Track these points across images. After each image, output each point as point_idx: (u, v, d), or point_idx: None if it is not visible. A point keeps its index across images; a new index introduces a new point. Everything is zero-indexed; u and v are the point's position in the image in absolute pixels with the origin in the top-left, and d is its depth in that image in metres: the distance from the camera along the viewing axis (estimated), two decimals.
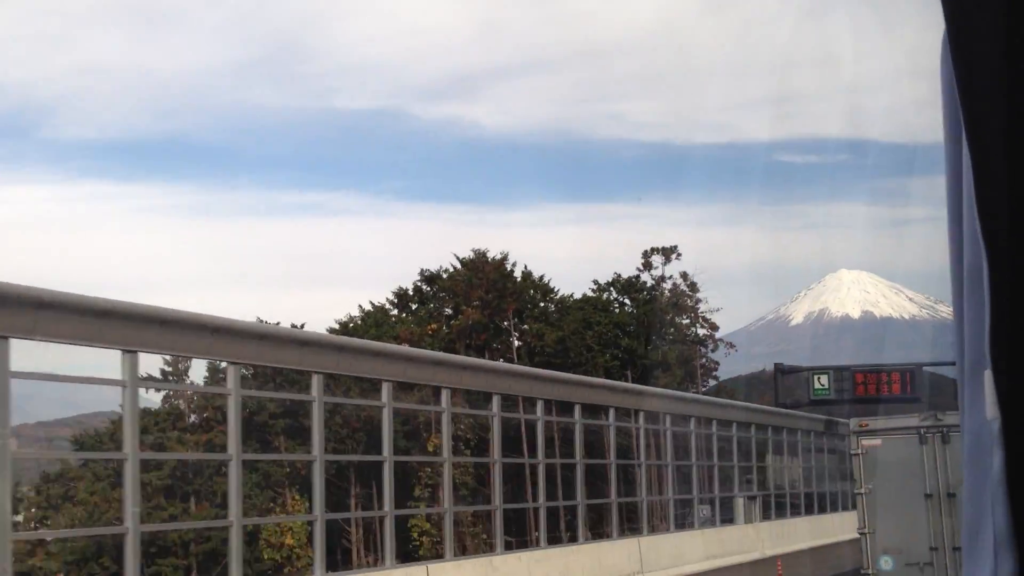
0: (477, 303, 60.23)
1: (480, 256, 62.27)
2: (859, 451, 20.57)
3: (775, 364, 43.49)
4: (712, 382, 72.74)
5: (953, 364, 1.45)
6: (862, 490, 20.48)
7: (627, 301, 68.44)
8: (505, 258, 62.95)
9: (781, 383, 42.46)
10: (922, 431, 19.96)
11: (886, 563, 20.07)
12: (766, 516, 34.50)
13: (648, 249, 69.91)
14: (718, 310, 70.89)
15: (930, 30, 1.35)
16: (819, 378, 39.80)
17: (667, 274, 69.35)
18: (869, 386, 38.13)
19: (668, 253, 69.76)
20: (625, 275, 69.43)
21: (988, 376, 1.24)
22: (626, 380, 53.47)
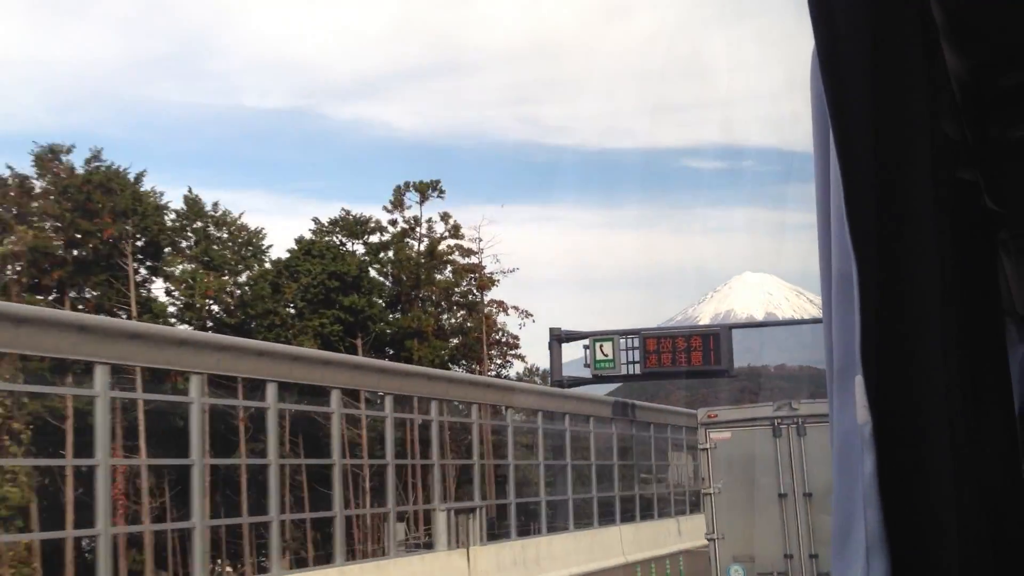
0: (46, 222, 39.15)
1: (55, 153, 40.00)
2: (707, 445, 18.29)
3: (550, 329, 33.13)
4: (517, 364, 55.67)
5: None
6: (710, 490, 18.15)
7: (359, 246, 51.43)
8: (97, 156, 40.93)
9: (558, 354, 32.22)
10: (776, 422, 17.88)
11: (736, 573, 17.97)
12: (628, 518, 30.04)
13: (401, 184, 52.76)
14: (513, 271, 54.35)
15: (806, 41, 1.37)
16: (601, 347, 30.57)
17: (425, 216, 53.26)
18: (664, 355, 30.21)
19: (425, 189, 52.82)
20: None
21: (859, 381, 1.26)
22: (357, 349, 43.32)
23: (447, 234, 52.66)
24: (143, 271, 43.15)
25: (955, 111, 1.41)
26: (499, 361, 54.43)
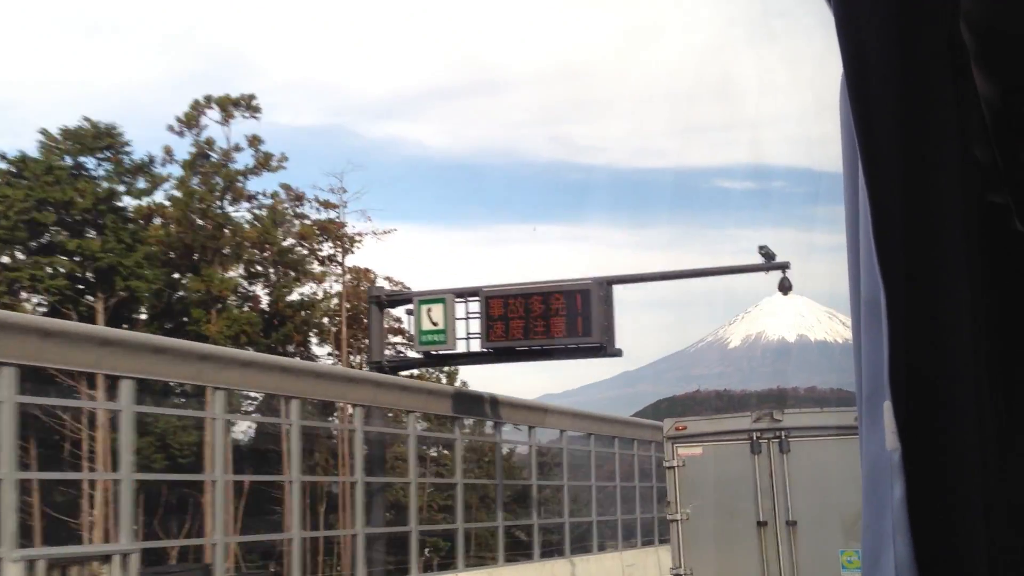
0: None
1: None
2: (675, 463, 15.36)
3: (368, 290, 26.80)
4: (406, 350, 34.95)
5: None
6: (677, 516, 15.18)
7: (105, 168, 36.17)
8: None
9: (379, 324, 22.55)
10: (755, 436, 15.03)
11: None
12: (549, 552, 24.52)
13: (202, 98, 38.31)
14: (387, 232, 40.79)
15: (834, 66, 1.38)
16: (429, 311, 20.47)
17: (231, 140, 38.70)
18: (513, 322, 19.97)
19: (227, 104, 38.18)
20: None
21: (888, 407, 1.25)
22: (96, 314, 32.04)
23: (257, 164, 38.38)
24: None
25: (985, 135, 1.41)
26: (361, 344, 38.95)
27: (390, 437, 24.62)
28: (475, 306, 20.74)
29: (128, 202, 36.86)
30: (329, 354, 40.73)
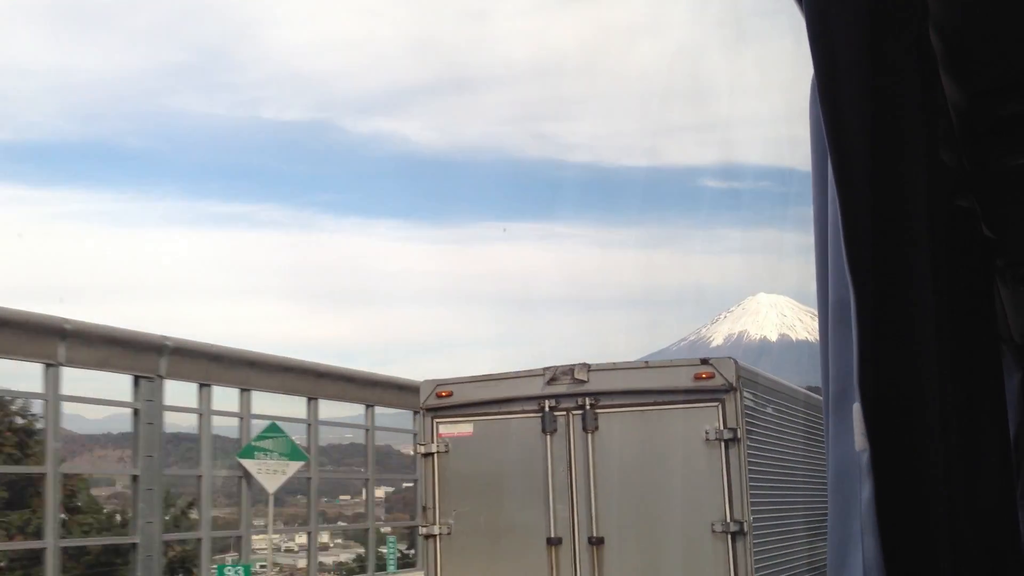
0: None
1: None
2: (433, 447, 9.98)
3: None
4: None
5: None
6: (436, 529, 9.85)
7: None
8: None
9: None
10: (548, 406, 9.64)
11: None
12: None
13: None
14: None
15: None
16: None
17: None
18: None
19: None
20: None
21: (857, 409, 1.26)
22: None
23: None
24: None
25: (953, 139, 1.42)
26: None
27: None
28: None
29: None
30: None
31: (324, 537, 25.50)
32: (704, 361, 9.40)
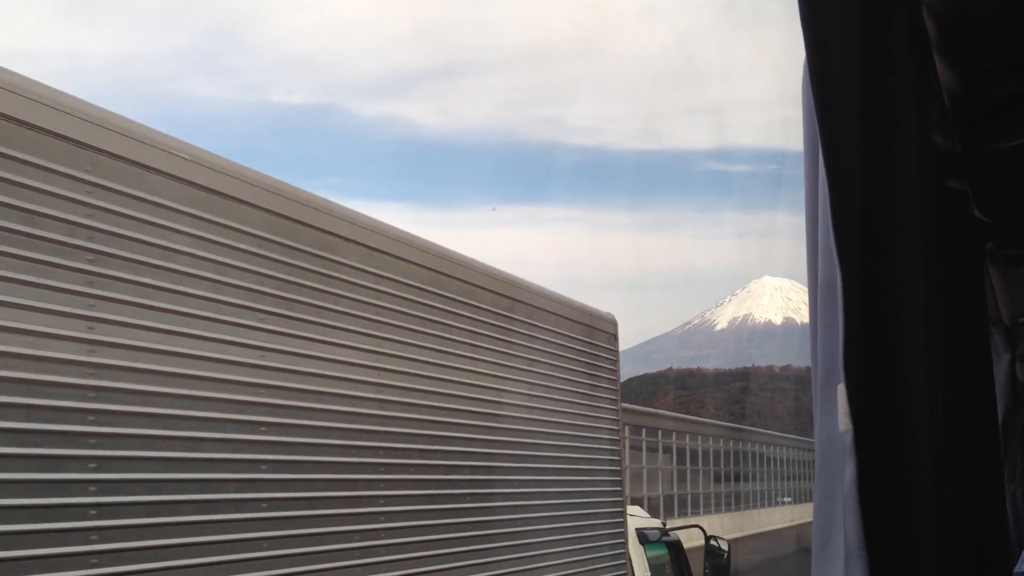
0: None
1: None
2: None
3: None
4: None
5: None
6: None
7: None
8: None
9: None
10: None
11: None
12: None
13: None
14: None
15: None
16: None
17: None
18: None
19: None
20: None
21: (841, 390, 1.27)
22: None
23: None
24: None
25: (945, 122, 1.41)
26: None
27: None
28: None
29: None
30: None
31: None
32: None
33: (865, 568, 1.23)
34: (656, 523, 8.37)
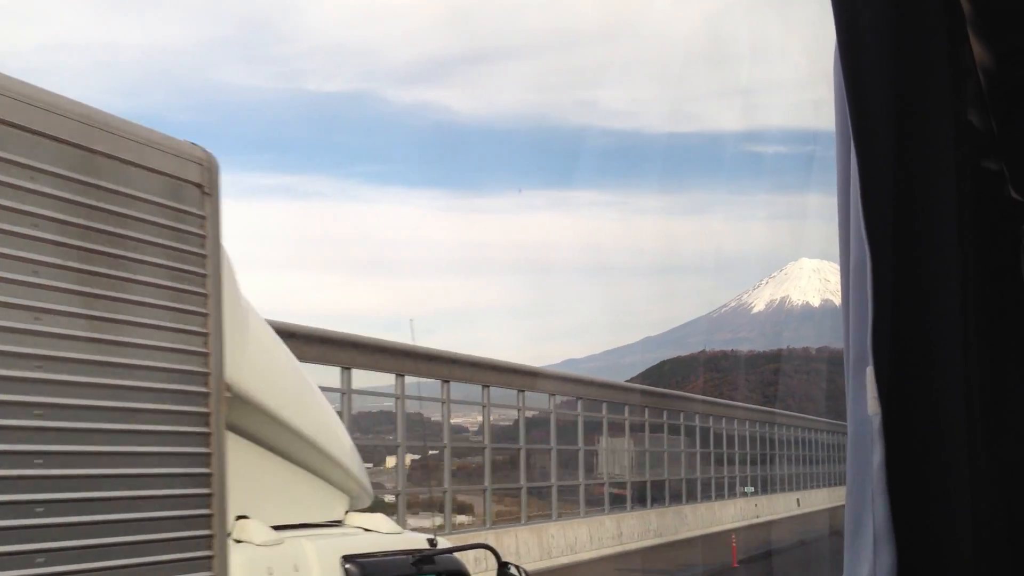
0: None
1: None
2: None
3: None
4: None
5: None
6: None
7: None
8: None
9: None
10: None
11: None
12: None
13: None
14: None
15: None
16: None
17: None
18: None
19: None
20: None
21: (870, 372, 1.25)
22: None
23: None
24: None
25: (981, 100, 1.39)
26: None
27: None
28: None
29: None
30: None
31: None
32: None
33: (893, 552, 1.22)
34: (416, 539, 5.32)
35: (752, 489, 41.89)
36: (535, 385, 27.03)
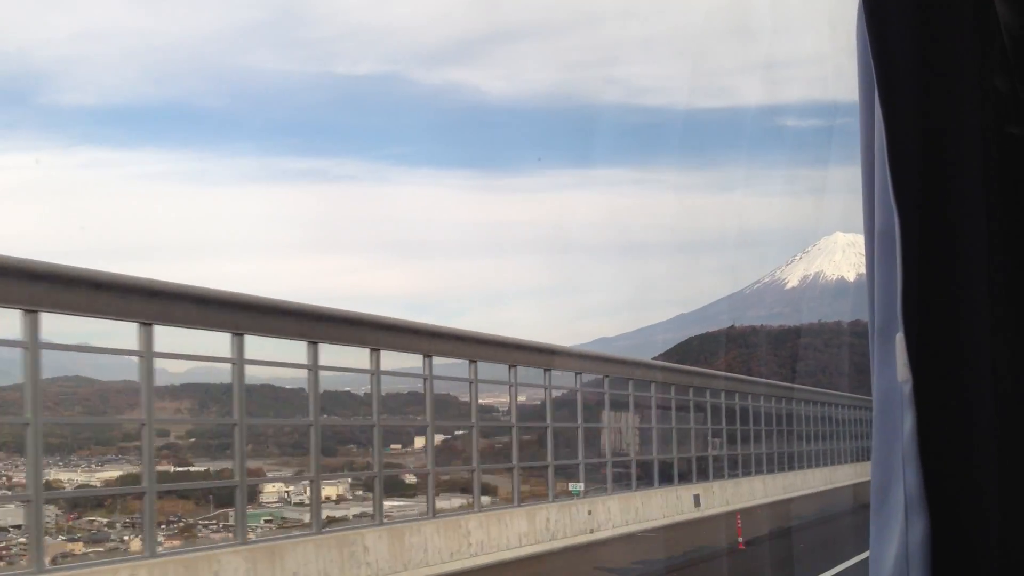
0: None
1: None
2: None
3: None
4: None
5: None
6: None
7: None
8: None
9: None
10: None
11: None
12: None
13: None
14: None
15: None
16: None
17: None
18: None
19: None
20: None
21: (900, 339, 1.25)
22: None
23: None
24: None
25: (1006, 64, 1.37)
26: None
27: None
28: None
29: None
30: None
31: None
32: None
33: (926, 521, 1.22)
34: None
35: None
36: (553, 363, 27.41)
